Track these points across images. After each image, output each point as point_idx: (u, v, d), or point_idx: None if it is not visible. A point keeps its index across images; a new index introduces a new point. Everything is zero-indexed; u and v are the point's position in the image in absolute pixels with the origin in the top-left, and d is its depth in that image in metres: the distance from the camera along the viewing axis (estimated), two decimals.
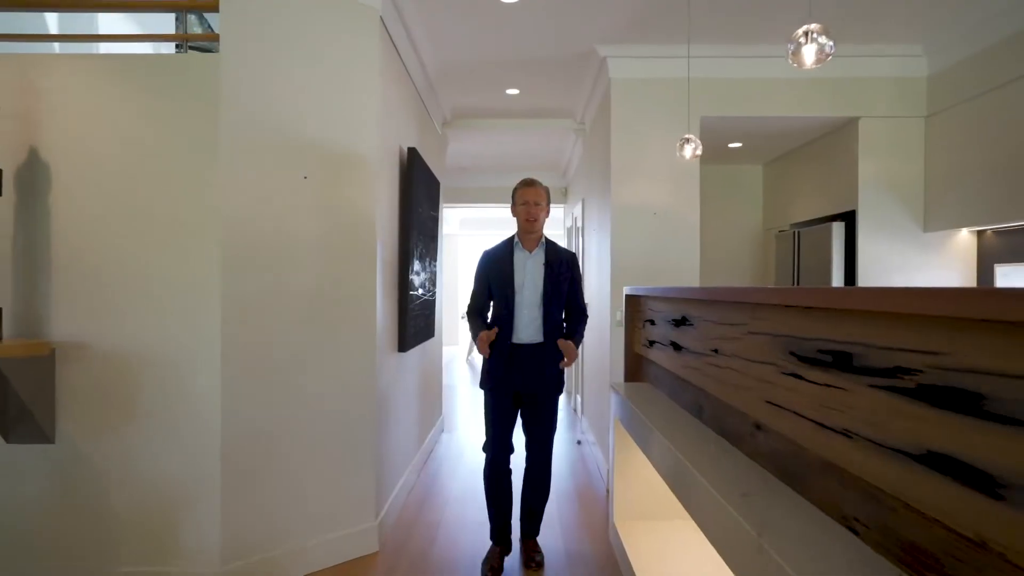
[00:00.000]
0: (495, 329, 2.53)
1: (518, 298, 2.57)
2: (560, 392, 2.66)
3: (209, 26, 3.18)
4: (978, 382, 0.62)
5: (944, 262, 3.52)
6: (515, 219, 2.65)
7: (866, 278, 3.56)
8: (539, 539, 2.80)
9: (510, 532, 2.68)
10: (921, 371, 0.70)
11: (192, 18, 3.89)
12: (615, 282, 3.54)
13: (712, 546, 1.06)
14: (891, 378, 0.76)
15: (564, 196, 6.90)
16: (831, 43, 1.44)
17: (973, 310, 0.60)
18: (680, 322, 1.72)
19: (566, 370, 2.72)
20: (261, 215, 2.43)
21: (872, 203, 3.54)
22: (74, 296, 2.31)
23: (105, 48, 3.25)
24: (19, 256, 2.30)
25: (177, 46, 3.63)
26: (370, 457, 2.75)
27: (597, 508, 3.33)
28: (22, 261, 2.30)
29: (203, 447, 2.33)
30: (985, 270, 3.46)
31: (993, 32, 3.01)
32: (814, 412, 0.96)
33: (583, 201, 5.19)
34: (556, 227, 8.79)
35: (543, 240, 2.65)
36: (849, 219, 3.68)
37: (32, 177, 2.31)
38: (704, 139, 3.95)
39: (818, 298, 0.92)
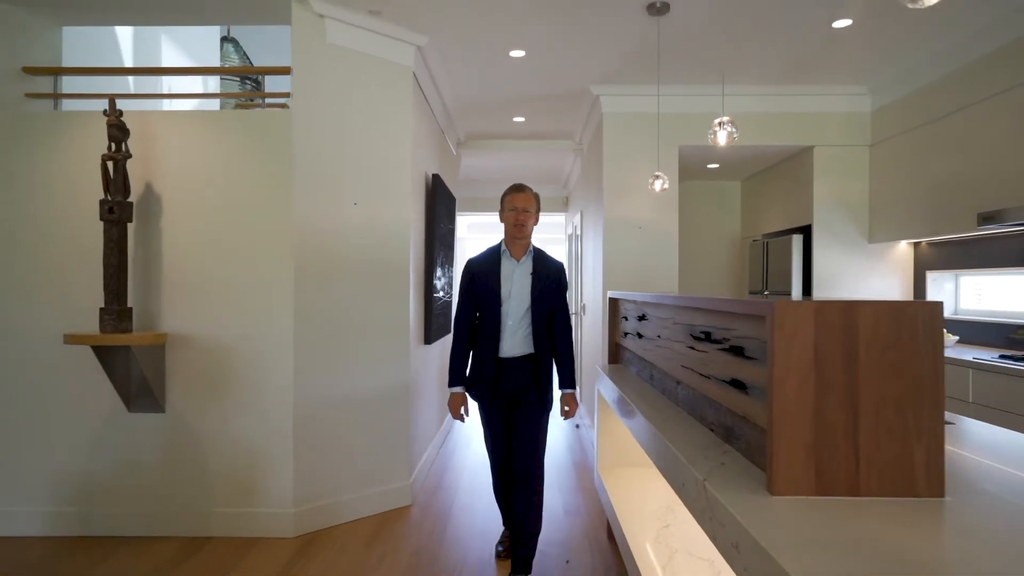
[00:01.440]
0: (467, 408, 2.62)
1: (504, 308, 2.52)
2: (547, 399, 2.59)
3: (257, 81, 3.93)
4: (743, 342, 1.34)
5: (886, 269, 4.24)
6: (503, 224, 2.60)
7: (820, 282, 4.28)
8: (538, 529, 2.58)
9: None
10: (730, 339, 1.44)
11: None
12: (607, 286, 4.27)
13: (644, 451, 1.78)
14: (722, 344, 1.50)
15: (565, 205, 7.63)
16: (736, 131, 2.18)
17: (739, 309, 1.32)
18: (642, 317, 2.45)
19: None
20: (323, 236, 3.18)
21: (825, 218, 4.27)
22: (180, 299, 3.06)
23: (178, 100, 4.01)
24: (139, 268, 3.05)
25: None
26: (404, 429, 3.50)
27: (590, 477, 4.06)
28: (141, 271, 3.05)
29: (279, 418, 3.08)
30: (920, 275, 4.18)
31: (925, 76, 3.75)
32: (699, 368, 1.69)
33: (581, 212, 5.91)
34: (558, 231, 9.51)
35: (531, 248, 2.60)
36: (806, 232, 4.41)
37: (148, 206, 3.06)
38: (686, 160, 4.69)
39: (696, 302, 1.65)
